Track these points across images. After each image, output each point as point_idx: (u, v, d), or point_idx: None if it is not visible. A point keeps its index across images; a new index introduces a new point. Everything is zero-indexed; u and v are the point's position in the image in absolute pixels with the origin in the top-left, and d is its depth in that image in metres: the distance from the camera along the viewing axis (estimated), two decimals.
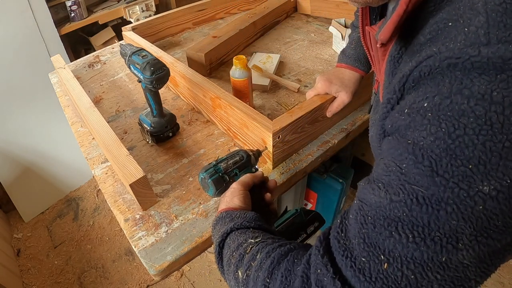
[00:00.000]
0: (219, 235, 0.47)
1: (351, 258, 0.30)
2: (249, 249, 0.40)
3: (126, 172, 0.62)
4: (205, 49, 1.02)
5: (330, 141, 0.79)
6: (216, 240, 0.47)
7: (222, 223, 0.49)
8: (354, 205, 0.33)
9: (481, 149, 0.25)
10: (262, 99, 0.95)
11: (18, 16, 1.39)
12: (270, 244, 0.40)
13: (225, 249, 0.45)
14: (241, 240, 0.43)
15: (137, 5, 1.79)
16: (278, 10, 1.33)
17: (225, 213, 0.50)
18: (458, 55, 0.26)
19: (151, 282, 1.50)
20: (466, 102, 0.25)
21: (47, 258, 1.63)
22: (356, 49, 0.74)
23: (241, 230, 0.45)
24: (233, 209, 0.51)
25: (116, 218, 0.67)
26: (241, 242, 0.43)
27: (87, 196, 1.91)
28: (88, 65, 1.16)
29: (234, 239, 0.44)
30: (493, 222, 0.26)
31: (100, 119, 0.75)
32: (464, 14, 0.28)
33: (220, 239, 0.46)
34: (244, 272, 0.39)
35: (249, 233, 0.44)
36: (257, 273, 0.37)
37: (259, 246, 0.40)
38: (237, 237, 0.44)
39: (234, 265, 0.41)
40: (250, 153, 0.61)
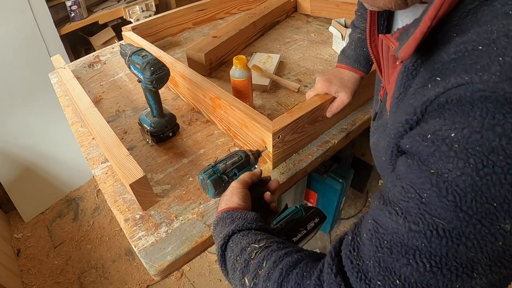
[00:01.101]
0: (221, 237, 0.46)
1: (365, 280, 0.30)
2: (253, 254, 0.40)
3: (126, 172, 0.62)
4: (205, 49, 1.02)
5: (330, 141, 0.79)
6: (218, 242, 0.47)
7: (223, 224, 0.48)
8: (367, 224, 0.32)
9: (508, 189, 0.24)
10: (262, 99, 0.95)
11: (18, 16, 1.39)
12: (275, 250, 0.39)
13: (228, 252, 0.44)
14: (244, 243, 0.43)
15: (137, 5, 1.79)
16: (278, 10, 1.33)
17: (225, 213, 0.49)
18: (493, 89, 0.25)
19: (151, 282, 1.50)
20: (498, 140, 0.24)
21: (47, 258, 1.63)
22: (356, 50, 0.73)
23: (242, 232, 0.45)
24: (233, 208, 0.50)
25: (116, 218, 0.67)
26: (244, 245, 0.42)
27: (87, 196, 1.91)
28: (88, 65, 1.16)
29: (237, 242, 0.44)
30: (509, 253, 0.26)
31: (100, 119, 0.75)
32: (498, 40, 0.26)
33: (222, 242, 0.45)
34: (251, 280, 0.39)
35: (251, 236, 0.44)
36: (266, 284, 0.37)
37: (264, 252, 0.40)
38: (239, 240, 0.44)
39: (239, 271, 0.41)
40: (249, 153, 0.61)
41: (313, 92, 0.76)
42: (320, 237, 1.63)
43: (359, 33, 0.74)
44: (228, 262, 0.44)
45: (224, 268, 0.45)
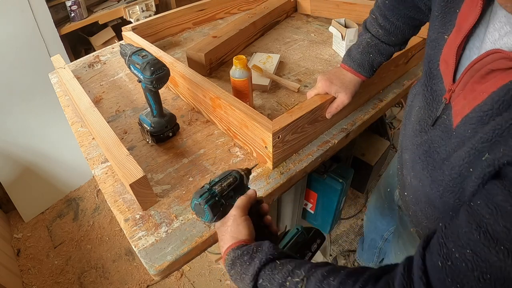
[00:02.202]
0: (248, 278, 0.44)
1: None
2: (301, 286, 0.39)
3: (126, 172, 0.62)
4: (205, 49, 1.02)
5: (330, 141, 0.79)
6: (246, 283, 0.44)
7: (241, 263, 0.46)
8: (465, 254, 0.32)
9: None
10: (262, 99, 0.95)
11: (18, 16, 1.39)
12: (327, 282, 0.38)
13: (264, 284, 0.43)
14: (279, 279, 0.41)
15: (137, 5, 1.79)
16: (278, 10, 1.33)
17: (238, 250, 0.47)
18: None
19: (151, 282, 1.50)
20: None
21: (47, 258, 1.63)
22: (362, 54, 0.72)
23: (269, 266, 0.43)
24: (244, 241, 0.48)
25: (116, 218, 0.67)
26: (281, 282, 0.41)
27: (87, 196, 1.91)
28: (88, 65, 1.16)
29: (270, 279, 0.42)
30: None
31: (100, 119, 0.76)
32: None
33: (252, 283, 0.43)
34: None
35: (281, 268, 0.42)
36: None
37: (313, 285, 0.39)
38: (271, 277, 0.42)
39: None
40: (242, 172, 0.58)
41: (314, 91, 0.76)
42: None
43: (368, 38, 0.73)
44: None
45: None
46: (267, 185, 0.69)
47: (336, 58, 1.11)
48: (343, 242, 1.63)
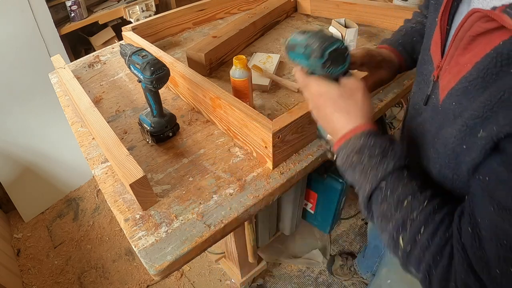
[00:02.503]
0: (374, 176, 0.42)
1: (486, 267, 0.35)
2: (412, 216, 0.40)
3: (126, 172, 0.62)
4: (205, 49, 1.02)
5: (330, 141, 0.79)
6: (371, 182, 0.43)
7: (370, 154, 0.43)
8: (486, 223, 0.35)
9: None
10: (262, 99, 0.95)
11: (18, 16, 1.39)
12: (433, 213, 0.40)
13: (379, 197, 0.43)
14: (401, 193, 0.41)
15: (137, 5, 1.79)
16: (278, 10, 1.33)
17: (372, 138, 0.43)
18: None
19: (151, 282, 1.50)
20: None
21: (47, 258, 1.64)
22: (405, 36, 0.69)
23: (397, 174, 0.42)
24: (373, 129, 0.45)
25: (116, 218, 0.67)
26: (401, 198, 0.41)
27: (87, 196, 1.92)
28: (88, 65, 1.16)
29: (392, 188, 0.42)
30: None
31: (100, 119, 0.76)
32: None
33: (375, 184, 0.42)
34: (407, 244, 0.40)
35: (406, 182, 0.42)
36: (423, 253, 0.39)
37: (423, 216, 0.40)
38: (395, 187, 0.42)
39: (393, 225, 0.41)
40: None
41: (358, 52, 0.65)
42: (320, 237, 1.63)
43: (413, 23, 0.71)
44: (376, 205, 0.43)
45: (368, 207, 0.44)
46: (267, 185, 0.69)
47: None
48: (343, 242, 1.63)
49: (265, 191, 0.68)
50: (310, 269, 1.53)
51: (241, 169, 0.73)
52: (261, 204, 0.68)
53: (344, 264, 1.46)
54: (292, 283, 1.48)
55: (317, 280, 1.49)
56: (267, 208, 1.25)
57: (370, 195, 0.44)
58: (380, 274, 0.90)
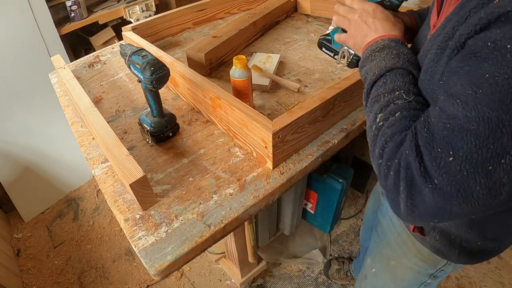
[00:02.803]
0: (383, 65, 0.50)
1: (431, 146, 0.39)
2: (397, 102, 0.47)
3: (126, 172, 0.62)
4: (205, 49, 1.02)
5: (330, 141, 0.79)
6: (381, 68, 0.50)
7: (388, 53, 0.51)
8: (434, 111, 0.41)
9: None
10: (262, 99, 0.95)
11: (18, 16, 1.39)
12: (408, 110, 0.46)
13: (381, 82, 0.49)
14: (397, 84, 0.48)
15: (137, 5, 1.79)
16: (278, 10, 1.33)
17: (394, 41, 0.52)
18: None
19: (151, 282, 1.50)
20: None
21: (47, 258, 1.64)
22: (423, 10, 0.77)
23: (402, 71, 0.49)
24: (399, 37, 0.53)
25: (116, 218, 0.67)
26: (396, 87, 0.48)
27: (87, 196, 1.92)
28: (88, 65, 1.16)
29: (393, 78, 0.49)
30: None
31: (100, 119, 0.76)
32: None
33: (383, 71, 0.50)
34: (381, 120, 0.47)
35: (407, 81, 0.48)
36: (384, 131, 0.45)
37: (403, 106, 0.46)
38: (396, 78, 0.49)
39: (379, 106, 0.48)
40: None
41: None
42: (320, 237, 1.63)
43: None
44: (375, 89, 0.50)
45: (368, 91, 0.51)
46: (267, 185, 0.69)
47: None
48: (343, 242, 1.64)
49: (265, 191, 0.68)
50: (310, 269, 1.53)
51: (241, 169, 0.73)
52: (261, 204, 0.68)
53: (341, 269, 1.46)
54: (292, 283, 1.48)
55: (317, 280, 1.49)
56: (267, 208, 1.25)
57: (376, 79, 0.50)
58: (365, 265, 0.91)
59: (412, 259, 0.71)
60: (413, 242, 0.69)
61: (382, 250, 0.81)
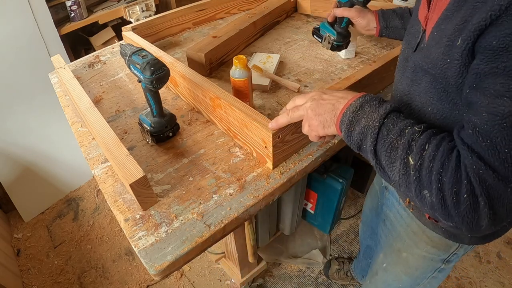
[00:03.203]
0: (374, 117, 0.49)
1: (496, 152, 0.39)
2: (415, 137, 0.46)
3: (126, 172, 0.62)
4: (205, 49, 1.02)
5: (330, 141, 0.79)
6: (373, 120, 0.49)
7: (370, 105, 0.50)
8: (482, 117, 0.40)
9: None
10: (262, 99, 0.95)
11: (18, 16, 1.39)
12: (433, 135, 0.45)
13: (384, 131, 0.48)
14: (401, 125, 0.47)
15: (137, 5, 1.79)
16: (278, 10, 1.33)
17: (367, 97, 0.51)
18: None
19: (151, 282, 1.50)
20: None
21: (47, 258, 1.64)
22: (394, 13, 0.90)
23: (395, 114, 0.49)
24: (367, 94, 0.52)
25: (116, 218, 0.67)
26: (402, 127, 0.47)
27: (87, 196, 1.92)
28: (88, 65, 1.16)
29: (393, 123, 0.48)
30: None
31: (100, 119, 0.76)
32: None
33: (380, 121, 0.48)
34: (416, 160, 0.44)
35: (404, 120, 0.48)
36: (431, 163, 0.43)
37: (424, 136, 0.45)
38: (395, 121, 0.48)
39: (401, 150, 0.46)
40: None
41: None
42: (320, 237, 1.63)
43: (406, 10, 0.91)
44: (382, 142, 0.48)
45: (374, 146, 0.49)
46: (267, 185, 0.69)
47: (336, 58, 1.11)
48: (343, 242, 1.64)
49: (265, 191, 0.68)
50: (310, 269, 1.53)
51: (241, 169, 0.73)
52: (261, 204, 0.68)
53: (341, 269, 1.46)
54: (292, 283, 1.48)
55: (317, 280, 1.49)
56: (267, 208, 1.25)
57: (378, 132, 0.48)
58: (377, 261, 0.91)
59: (424, 248, 0.72)
60: (423, 230, 0.69)
61: (392, 243, 0.81)
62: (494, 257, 1.55)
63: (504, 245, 1.59)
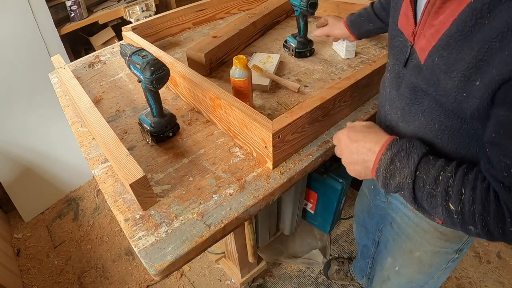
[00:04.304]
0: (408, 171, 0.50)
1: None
2: (450, 182, 0.47)
3: (126, 172, 0.62)
4: (205, 49, 1.02)
5: (330, 141, 0.79)
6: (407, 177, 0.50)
7: (399, 159, 0.51)
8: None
9: None
10: (262, 99, 0.95)
11: (18, 16, 1.39)
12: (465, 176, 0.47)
13: (419, 182, 0.50)
14: (434, 173, 0.48)
15: (137, 5, 1.79)
16: (278, 10, 1.33)
17: (394, 148, 0.52)
18: None
19: (151, 282, 1.50)
20: None
21: (47, 258, 1.64)
22: (357, 17, 0.96)
23: (424, 160, 0.50)
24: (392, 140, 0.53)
25: (116, 218, 0.67)
26: (435, 175, 0.48)
27: (87, 196, 1.92)
28: (88, 65, 1.16)
29: (426, 173, 0.49)
30: None
31: (100, 119, 0.76)
32: None
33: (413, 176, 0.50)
34: (457, 206, 0.46)
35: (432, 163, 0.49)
36: (472, 206, 0.45)
37: (458, 180, 0.47)
38: (427, 170, 0.49)
39: (441, 198, 0.48)
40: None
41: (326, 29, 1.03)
42: (320, 237, 1.63)
43: (367, 6, 0.94)
44: (422, 191, 0.50)
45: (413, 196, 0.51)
46: (267, 185, 0.69)
47: (336, 58, 1.11)
48: (343, 242, 1.64)
49: (265, 191, 0.68)
50: (310, 269, 1.53)
51: (241, 169, 0.73)
52: (261, 204, 0.68)
53: (340, 269, 1.46)
54: (292, 283, 1.48)
55: (317, 280, 1.49)
56: (267, 208, 1.25)
57: (413, 186, 0.50)
58: (385, 266, 0.90)
59: (437, 243, 0.72)
60: (435, 227, 0.69)
61: (402, 245, 0.80)
62: (494, 257, 1.55)
63: (504, 245, 1.59)
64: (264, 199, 0.68)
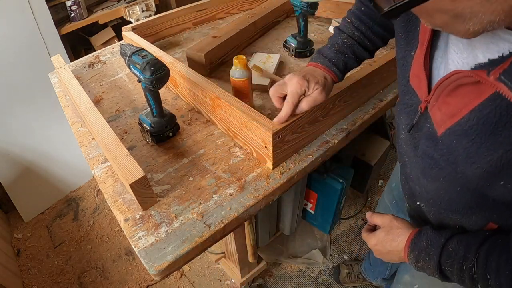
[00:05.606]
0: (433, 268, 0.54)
1: None
2: (474, 269, 0.49)
3: (126, 172, 0.62)
4: (205, 49, 1.02)
5: (330, 141, 0.79)
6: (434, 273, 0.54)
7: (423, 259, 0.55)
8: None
9: None
10: (262, 99, 0.95)
11: (18, 16, 1.39)
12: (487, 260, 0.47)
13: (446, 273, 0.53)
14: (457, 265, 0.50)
15: (137, 5, 1.79)
16: (278, 10, 1.33)
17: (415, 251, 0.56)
18: None
19: (151, 282, 1.50)
20: None
21: (47, 258, 1.64)
22: (338, 53, 0.69)
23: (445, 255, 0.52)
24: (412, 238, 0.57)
25: (116, 218, 0.67)
26: (459, 266, 0.50)
27: (87, 196, 1.92)
28: (88, 65, 1.16)
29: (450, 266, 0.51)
30: None
31: (100, 119, 0.75)
32: None
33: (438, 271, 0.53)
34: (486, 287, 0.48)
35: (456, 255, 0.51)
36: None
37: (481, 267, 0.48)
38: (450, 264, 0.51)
39: (470, 283, 0.50)
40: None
41: (280, 90, 0.66)
42: (320, 237, 1.63)
43: (344, 38, 0.71)
44: (451, 278, 0.53)
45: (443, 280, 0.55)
46: (267, 185, 0.69)
47: None
48: (343, 242, 1.64)
49: (265, 191, 0.68)
50: (310, 269, 1.53)
51: (241, 169, 0.73)
52: (261, 204, 0.68)
53: (351, 272, 1.45)
54: (292, 283, 1.48)
55: (317, 280, 1.49)
56: (267, 208, 1.25)
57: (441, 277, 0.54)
58: (402, 281, 0.87)
59: None
60: None
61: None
62: None
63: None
64: (264, 199, 0.68)
